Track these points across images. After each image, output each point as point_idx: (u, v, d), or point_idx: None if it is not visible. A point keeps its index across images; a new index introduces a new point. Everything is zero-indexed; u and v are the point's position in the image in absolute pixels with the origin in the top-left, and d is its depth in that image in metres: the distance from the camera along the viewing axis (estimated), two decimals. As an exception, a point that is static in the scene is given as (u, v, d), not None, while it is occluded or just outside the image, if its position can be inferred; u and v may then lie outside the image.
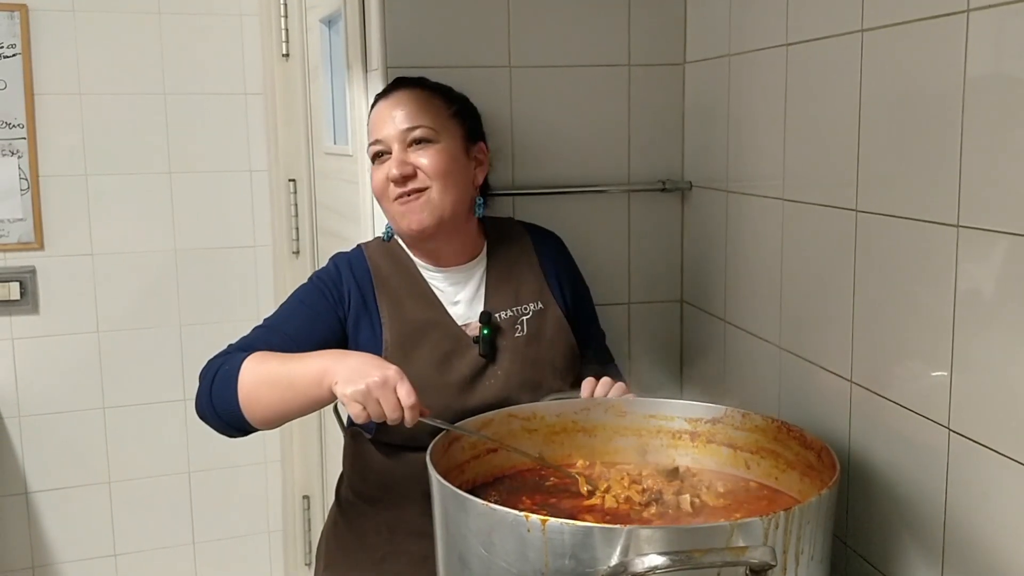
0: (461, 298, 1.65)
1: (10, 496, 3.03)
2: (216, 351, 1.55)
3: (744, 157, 1.80)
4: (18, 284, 2.95)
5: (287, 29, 3.00)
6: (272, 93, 3.06)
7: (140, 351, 3.11)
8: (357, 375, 1.32)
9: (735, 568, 1.03)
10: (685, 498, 1.32)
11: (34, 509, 3.06)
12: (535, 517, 1.07)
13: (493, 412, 1.46)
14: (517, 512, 1.09)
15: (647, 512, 1.31)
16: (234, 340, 1.57)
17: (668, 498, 1.33)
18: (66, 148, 2.98)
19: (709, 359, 1.97)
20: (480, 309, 1.63)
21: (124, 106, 3.03)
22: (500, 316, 1.63)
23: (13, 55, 2.88)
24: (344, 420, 1.74)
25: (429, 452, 1.28)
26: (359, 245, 1.70)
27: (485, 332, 1.59)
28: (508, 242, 1.72)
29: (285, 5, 2.99)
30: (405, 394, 1.31)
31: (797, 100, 1.59)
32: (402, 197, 1.57)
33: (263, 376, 1.43)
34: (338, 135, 2.64)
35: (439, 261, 1.65)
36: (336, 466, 1.80)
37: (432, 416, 1.36)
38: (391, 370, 1.33)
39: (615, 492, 1.36)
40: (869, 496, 1.44)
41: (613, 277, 2.05)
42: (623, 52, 1.99)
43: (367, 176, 1.77)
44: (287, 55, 3.02)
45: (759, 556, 1.02)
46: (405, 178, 1.56)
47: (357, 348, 1.58)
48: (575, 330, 1.69)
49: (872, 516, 1.44)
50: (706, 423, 1.47)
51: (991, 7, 1.14)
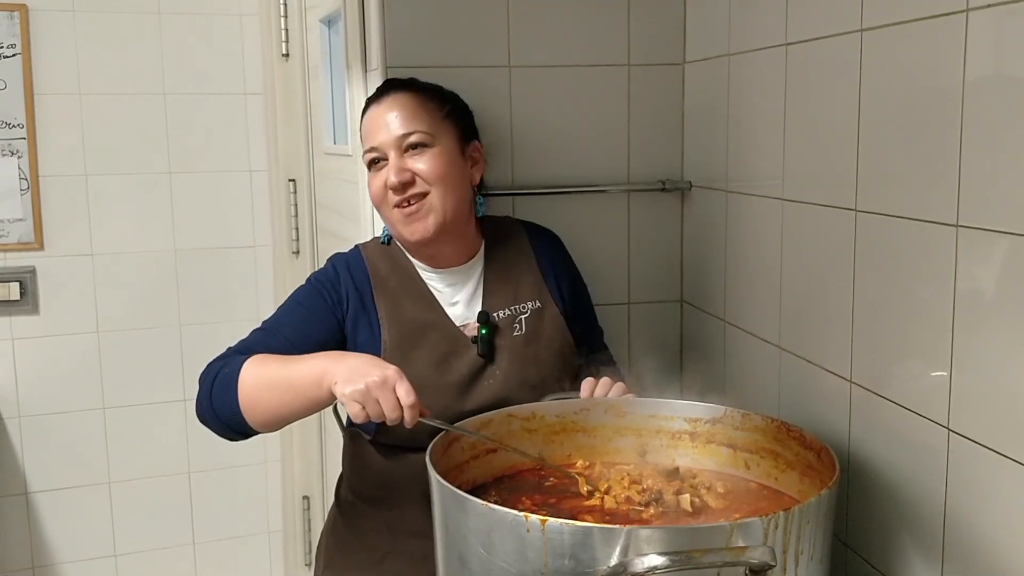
0: (459, 298, 1.64)
1: (10, 496, 3.03)
2: (216, 351, 1.55)
3: (744, 157, 1.80)
4: (18, 284, 2.95)
5: (287, 29, 3.00)
6: (272, 93, 3.06)
7: (140, 351, 3.11)
8: (356, 375, 1.32)
9: (735, 568, 1.03)
10: (685, 498, 1.32)
11: (34, 509, 3.05)
12: (535, 517, 1.07)
13: (493, 412, 1.46)
14: (517, 512, 1.09)
15: (647, 512, 1.31)
16: (233, 341, 1.57)
17: (668, 498, 1.33)
18: (66, 148, 2.98)
19: (709, 359, 1.97)
20: (478, 309, 1.63)
21: (124, 106, 3.03)
22: (498, 315, 1.63)
23: (13, 55, 2.88)
24: (344, 420, 1.74)
25: (429, 452, 1.28)
26: (357, 246, 1.70)
27: (483, 332, 1.59)
28: (506, 241, 1.72)
29: (285, 5, 2.99)
30: (404, 393, 1.31)
31: (797, 100, 1.59)
32: (402, 205, 1.56)
33: (263, 379, 1.43)
34: (338, 135, 2.64)
35: (437, 262, 1.65)
36: (336, 466, 1.80)
37: (432, 416, 1.36)
38: (390, 370, 1.32)
39: (615, 492, 1.36)
40: (869, 496, 1.44)
41: (613, 277, 2.05)
42: (623, 52, 1.99)
43: (367, 177, 1.76)
44: (287, 55, 3.02)
45: (759, 556, 1.02)
46: (404, 185, 1.55)
47: (356, 349, 1.57)
48: (573, 328, 1.69)
49: (872, 516, 1.44)
50: (706, 423, 1.47)
51: (990, 7, 1.14)
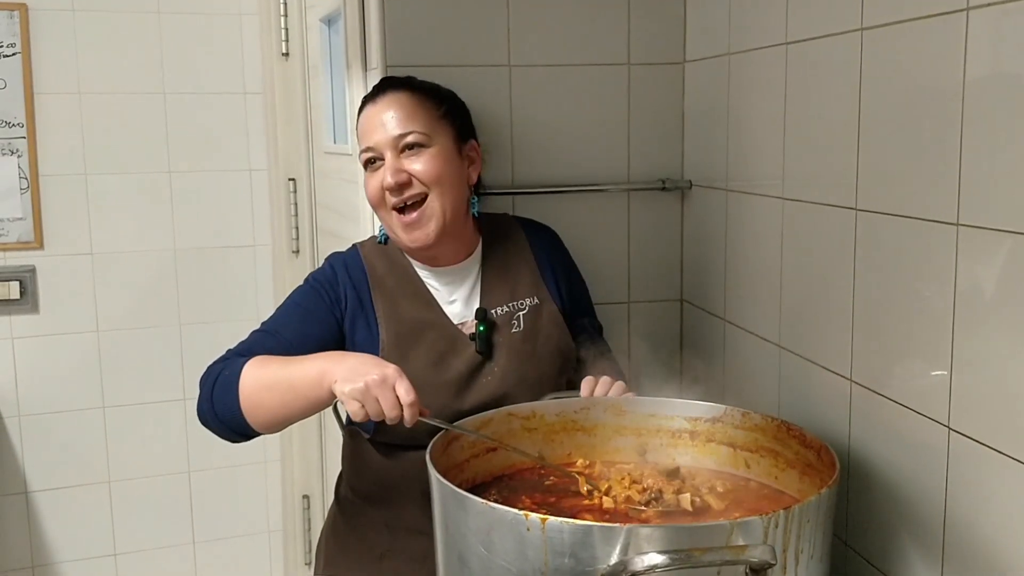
0: (457, 296, 1.64)
1: (10, 495, 3.02)
2: (216, 350, 1.55)
3: (744, 156, 1.80)
4: (18, 283, 2.95)
5: (287, 28, 3.00)
6: (272, 92, 3.06)
7: (140, 350, 3.11)
8: (356, 374, 1.32)
9: (735, 567, 1.03)
10: (685, 497, 1.32)
11: (34, 509, 3.05)
12: (534, 516, 1.07)
13: (492, 411, 1.46)
14: (516, 511, 1.09)
15: (647, 512, 1.31)
16: (233, 340, 1.57)
17: (668, 498, 1.33)
18: (66, 147, 2.97)
19: (709, 358, 1.97)
20: (476, 306, 1.63)
21: (124, 106, 3.02)
22: (496, 312, 1.63)
23: (13, 54, 2.88)
24: (343, 419, 1.74)
25: (429, 451, 1.28)
26: (354, 245, 1.70)
27: (481, 329, 1.59)
28: (503, 238, 1.72)
29: (285, 4, 2.99)
30: (404, 392, 1.31)
31: (797, 99, 1.59)
32: (401, 210, 1.56)
33: (264, 380, 1.43)
34: (338, 134, 2.64)
35: (435, 261, 1.65)
36: (336, 465, 1.80)
37: (431, 416, 1.36)
38: (390, 369, 1.32)
39: (615, 492, 1.36)
40: (869, 495, 1.44)
41: (613, 276, 2.05)
42: (623, 51, 1.99)
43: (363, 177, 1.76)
44: (287, 54, 3.01)
45: (759, 555, 1.02)
46: (400, 186, 1.55)
47: (354, 348, 1.57)
48: (571, 323, 1.69)
49: (872, 515, 1.44)
50: (706, 422, 1.47)
51: (991, 5, 1.14)
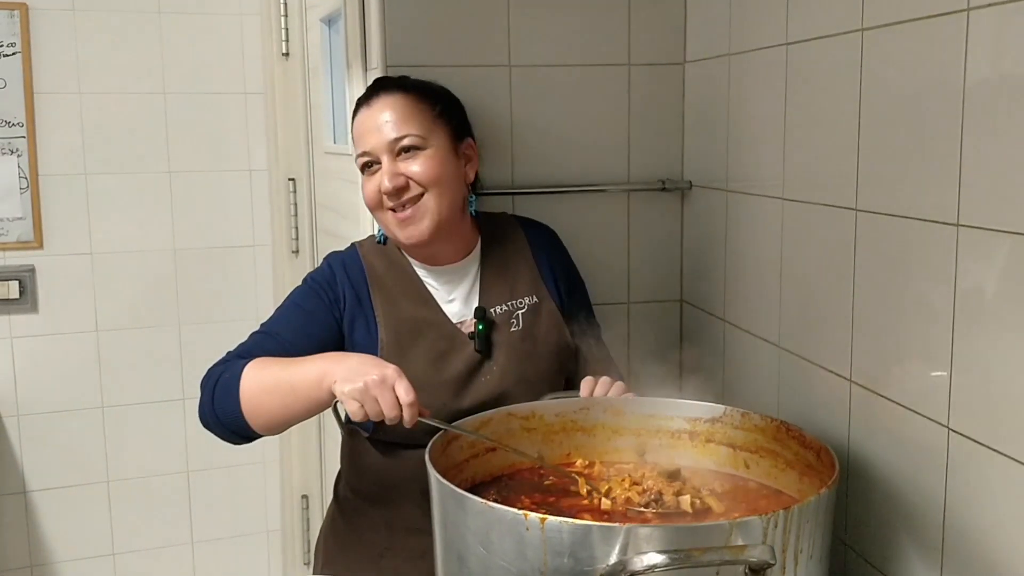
0: (456, 295, 1.64)
1: (9, 495, 3.02)
2: (215, 350, 1.55)
3: (744, 157, 1.80)
4: (17, 283, 2.95)
5: (287, 28, 3.00)
6: (272, 92, 3.06)
7: (139, 350, 3.11)
8: (355, 374, 1.32)
9: (734, 567, 1.03)
10: (685, 499, 1.32)
11: (33, 508, 3.05)
12: (534, 516, 1.06)
13: (492, 411, 1.45)
14: (516, 511, 1.08)
15: (647, 513, 1.31)
16: (233, 340, 1.57)
17: (668, 499, 1.33)
18: (66, 147, 2.97)
19: (709, 359, 1.97)
20: (475, 305, 1.63)
21: (124, 105, 3.02)
22: (495, 311, 1.63)
23: (13, 54, 2.88)
24: (342, 417, 1.73)
25: (428, 451, 1.27)
26: (353, 244, 1.70)
27: (480, 328, 1.59)
28: (502, 237, 1.72)
29: (285, 4, 2.99)
30: (404, 392, 1.31)
31: (797, 99, 1.59)
32: (397, 210, 1.56)
33: (264, 382, 1.43)
34: (338, 134, 2.64)
35: (434, 260, 1.65)
36: (335, 465, 1.80)
37: (431, 416, 1.36)
38: (389, 369, 1.32)
39: (615, 493, 1.35)
40: (868, 495, 1.44)
41: (613, 277, 2.04)
42: (623, 52, 1.99)
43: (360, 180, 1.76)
44: (287, 54, 3.02)
45: (758, 555, 1.02)
46: (398, 190, 1.55)
47: (353, 348, 1.57)
48: (570, 322, 1.69)
49: (871, 515, 1.44)
50: (705, 423, 1.46)
51: (991, 6, 1.13)
